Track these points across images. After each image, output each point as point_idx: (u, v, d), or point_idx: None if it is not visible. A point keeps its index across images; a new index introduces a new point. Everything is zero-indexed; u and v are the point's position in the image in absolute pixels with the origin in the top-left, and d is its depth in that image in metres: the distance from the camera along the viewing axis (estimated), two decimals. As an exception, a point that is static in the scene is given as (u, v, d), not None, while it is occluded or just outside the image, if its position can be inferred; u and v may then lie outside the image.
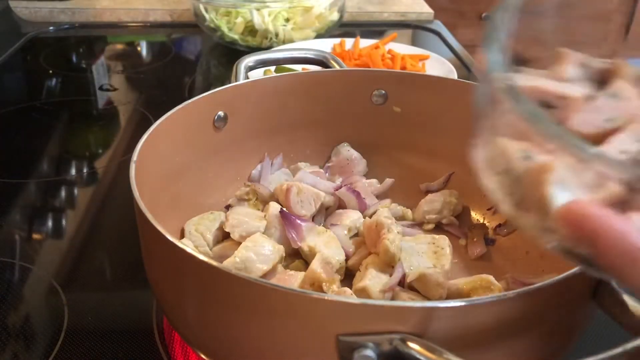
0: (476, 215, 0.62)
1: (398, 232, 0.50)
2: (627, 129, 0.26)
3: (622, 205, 0.24)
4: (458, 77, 0.89)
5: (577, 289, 0.37)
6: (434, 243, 0.53)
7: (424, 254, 0.52)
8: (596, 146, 0.26)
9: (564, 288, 0.35)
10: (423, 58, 1.01)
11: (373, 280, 0.47)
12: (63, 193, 0.73)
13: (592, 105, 0.28)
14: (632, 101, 0.28)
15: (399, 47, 1.05)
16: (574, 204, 0.23)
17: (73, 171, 0.79)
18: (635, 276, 0.22)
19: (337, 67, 0.67)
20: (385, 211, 0.54)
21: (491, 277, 0.48)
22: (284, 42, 1.13)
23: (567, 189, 0.25)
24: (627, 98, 0.28)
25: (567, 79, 0.30)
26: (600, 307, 0.37)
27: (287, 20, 1.16)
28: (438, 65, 0.98)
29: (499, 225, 0.59)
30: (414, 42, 1.25)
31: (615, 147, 0.26)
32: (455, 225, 0.60)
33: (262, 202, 0.60)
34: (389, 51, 1.04)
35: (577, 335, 0.40)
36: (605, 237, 0.22)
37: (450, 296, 0.47)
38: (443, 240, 0.53)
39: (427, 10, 1.39)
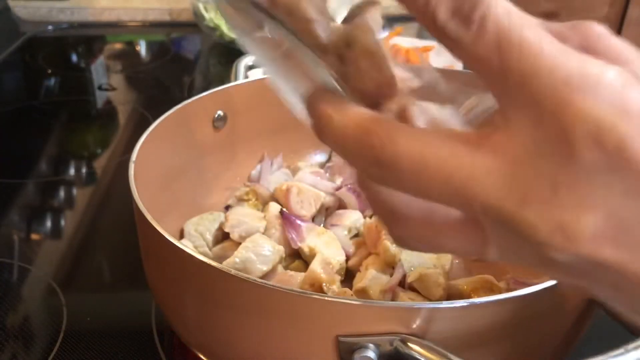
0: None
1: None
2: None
3: None
4: (463, 68, 0.89)
5: (578, 290, 0.37)
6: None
7: (425, 254, 0.52)
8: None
9: (565, 289, 0.35)
10: (428, 49, 1.01)
11: (373, 280, 0.47)
12: (62, 193, 0.73)
13: None
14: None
15: (404, 41, 1.05)
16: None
17: (72, 171, 0.78)
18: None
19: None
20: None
21: (492, 278, 0.48)
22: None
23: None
24: None
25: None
26: (602, 308, 0.37)
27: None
28: (443, 56, 0.98)
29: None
30: (420, 35, 1.24)
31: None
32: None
33: (262, 202, 0.60)
34: (394, 45, 1.04)
35: (578, 336, 0.40)
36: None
37: (451, 297, 0.47)
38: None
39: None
